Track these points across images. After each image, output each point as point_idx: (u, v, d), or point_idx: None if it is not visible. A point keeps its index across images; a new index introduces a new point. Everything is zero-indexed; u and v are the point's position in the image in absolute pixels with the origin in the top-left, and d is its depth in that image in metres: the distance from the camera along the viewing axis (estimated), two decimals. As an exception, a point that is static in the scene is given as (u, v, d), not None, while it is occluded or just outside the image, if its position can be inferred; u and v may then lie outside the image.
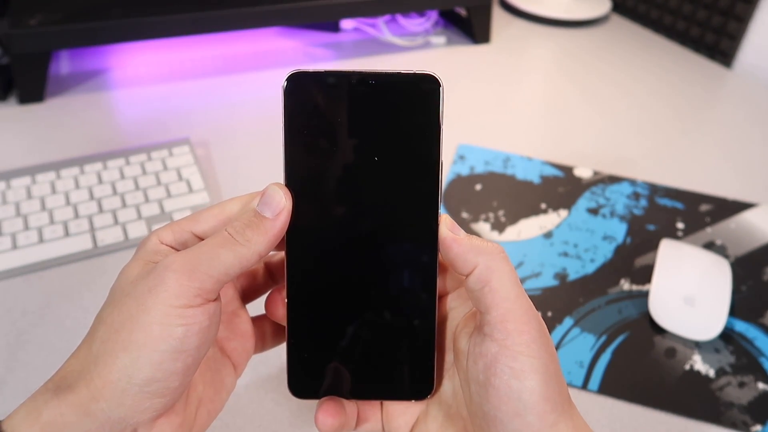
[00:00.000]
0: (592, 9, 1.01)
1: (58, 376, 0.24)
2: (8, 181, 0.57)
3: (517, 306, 0.25)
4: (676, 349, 0.47)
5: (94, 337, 0.24)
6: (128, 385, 0.23)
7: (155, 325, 0.23)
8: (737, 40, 0.89)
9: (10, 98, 0.72)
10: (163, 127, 0.69)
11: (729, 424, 0.42)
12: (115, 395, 0.23)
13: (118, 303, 0.24)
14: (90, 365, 0.23)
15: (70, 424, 0.23)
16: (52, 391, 0.23)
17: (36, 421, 0.23)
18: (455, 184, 0.62)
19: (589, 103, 0.79)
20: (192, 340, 0.24)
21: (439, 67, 0.85)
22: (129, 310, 0.24)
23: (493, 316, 0.25)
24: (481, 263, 0.26)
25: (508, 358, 0.25)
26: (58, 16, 0.69)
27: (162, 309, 0.23)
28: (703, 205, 0.62)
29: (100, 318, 0.25)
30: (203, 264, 0.24)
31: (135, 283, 0.25)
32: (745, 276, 0.54)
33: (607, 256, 0.55)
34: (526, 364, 0.25)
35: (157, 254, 0.27)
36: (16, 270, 0.49)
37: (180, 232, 0.28)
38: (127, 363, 0.23)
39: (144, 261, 0.26)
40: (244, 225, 0.26)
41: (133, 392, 0.23)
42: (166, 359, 0.23)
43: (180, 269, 0.24)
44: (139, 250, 0.27)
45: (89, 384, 0.23)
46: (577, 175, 0.65)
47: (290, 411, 0.41)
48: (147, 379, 0.23)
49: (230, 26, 0.75)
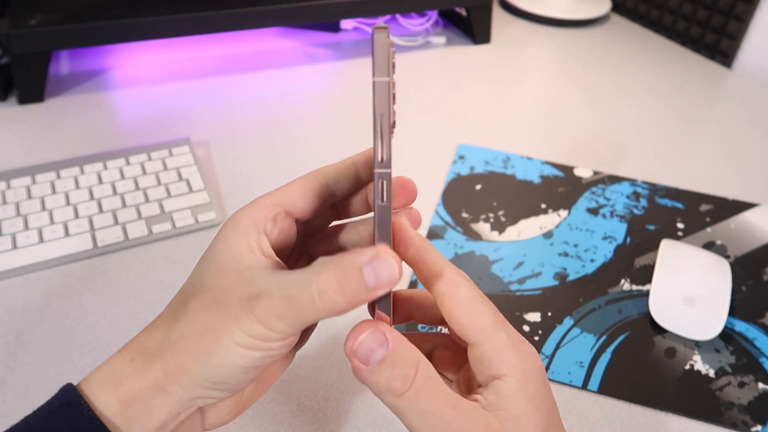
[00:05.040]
0: (592, 9, 1.01)
1: (134, 345, 0.26)
2: (8, 181, 0.57)
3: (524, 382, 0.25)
4: (676, 349, 0.47)
5: (176, 322, 0.25)
6: (202, 380, 0.24)
7: (237, 347, 0.24)
8: (737, 40, 0.89)
9: (10, 98, 0.72)
10: (163, 127, 0.69)
11: (729, 424, 0.42)
12: (188, 385, 0.25)
13: (206, 303, 0.25)
14: (168, 350, 0.25)
15: (145, 399, 0.24)
16: (128, 363, 0.25)
17: (115, 390, 0.24)
18: (455, 184, 0.62)
19: (589, 103, 0.79)
20: (268, 361, 0.25)
21: (439, 67, 0.85)
22: (215, 323, 0.24)
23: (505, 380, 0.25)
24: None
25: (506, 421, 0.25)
26: (58, 16, 0.69)
27: (246, 340, 0.24)
28: (703, 205, 0.62)
29: (184, 304, 0.26)
30: (288, 321, 0.24)
31: (226, 294, 0.25)
32: (745, 276, 0.53)
33: (607, 256, 0.55)
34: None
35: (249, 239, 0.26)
36: (16, 270, 0.49)
37: (269, 207, 0.28)
38: (204, 365, 0.24)
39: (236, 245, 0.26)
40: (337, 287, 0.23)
41: (205, 387, 0.25)
42: (241, 372, 0.25)
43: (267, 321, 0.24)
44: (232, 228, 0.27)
45: (166, 367, 0.25)
46: (577, 175, 0.65)
47: (290, 411, 0.41)
48: (220, 381, 0.25)
49: (230, 26, 0.75)
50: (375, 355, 0.25)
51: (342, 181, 0.30)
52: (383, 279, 0.23)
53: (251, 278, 0.25)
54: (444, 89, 0.80)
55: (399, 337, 0.25)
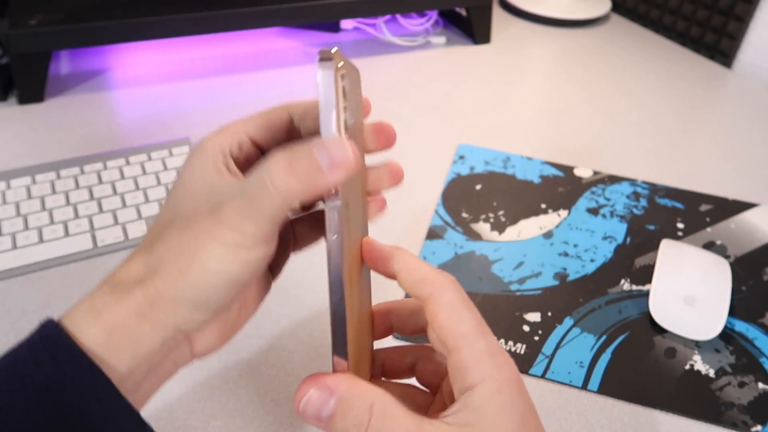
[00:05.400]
0: (592, 9, 1.01)
1: (113, 279, 0.25)
2: (8, 181, 0.57)
3: (497, 388, 0.25)
4: (676, 349, 0.47)
5: (152, 250, 0.25)
6: (184, 302, 0.24)
7: (212, 262, 0.24)
8: (737, 40, 0.89)
9: (10, 98, 0.72)
10: (163, 127, 0.69)
11: (729, 425, 0.42)
12: (170, 308, 0.24)
13: (179, 226, 0.25)
14: (147, 277, 0.25)
15: (128, 326, 0.24)
16: (109, 294, 0.25)
17: (97, 320, 0.24)
18: (455, 184, 0.62)
19: (589, 103, 0.79)
20: (246, 275, 0.25)
21: (439, 67, 0.85)
22: (188, 242, 0.24)
23: (471, 389, 0.25)
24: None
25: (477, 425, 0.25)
26: (58, 16, 0.69)
27: (219, 251, 0.24)
28: (703, 205, 0.62)
29: (160, 231, 0.26)
30: (254, 219, 0.24)
31: (191, 213, 0.25)
32: (745, 276, 0.54)
33: (607, 256, 0.55)
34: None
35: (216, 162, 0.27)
36: (16, 270, 0.49)
37: (235, 135, 0.28)
38: (183, 286, 0.24)
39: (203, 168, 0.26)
40: (288, 169, 0.24)
41: (187, 308, 0.24)
42: (221, 289, 0.24)
43: (234, 224, 0.24)
44: (198, 154, 0.27)
45: (146, 293, 0.24)
46: (577, 175, 0.65)
47: (290, 411, 0.41)
48: (201, 301, 0.24)
49: (230, 26, 0.75)
50: (323, 411, 0.25)
51: (308, 119, 0.29)
52: (336, 157, 0.24)
53: (216, 193, 0.25)
54: (444, 89, 0.80)
55: (348, 383, 0.25)
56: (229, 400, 0.41)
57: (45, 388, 0.22)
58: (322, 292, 0.50)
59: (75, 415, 0.22)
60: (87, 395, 0.23)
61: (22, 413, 0.22)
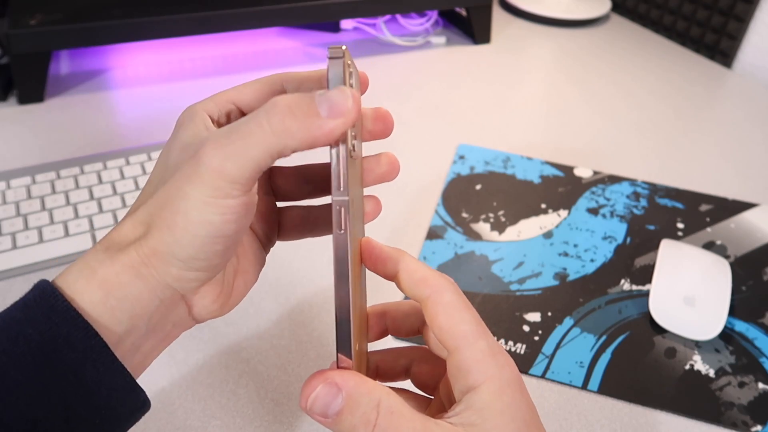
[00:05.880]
0: (592, 9, 1.01)
1: (107, 239, 0.25)
2: (8, 181, 0.57)
3: (496, 396, 0.25)
4: (676, 349, 0.47)
5: (142, 205, 0.25)
6: (173, 258, 0.24)
7: (193, 211, 0.23)
8: (737, 40, 0.89)
9: (10, 98, 0.72)
10: (163, 127, 0.69)
11: (729, 425, 0.42)
12: (162, 264, 0.24)
13: (165, 178, 0.25)
14: (139, 233, 0.24)
15: (124, 284, 0.24)
16: (102, 252, 0.24)
17: (92, 277, 0.24)
18: (455, 184, 0.62)
19: (589, 103, 0.79)
20: (229, 227, 0.24)
21: (439, 67, 0.85)
22: (170, 192, 0.24)
23: (471, 391, 0.25)
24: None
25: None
26: (58, 16, 0.69)
27: (199, 199, 0.23)
28: (703, 205, 0.62)
29: (151, 185, 0.26)
30: (237, 159, 0.23)
31: (178, 164, 0.25)
32: (745, 276, 0.54)
33: (607, 256, 0.55)
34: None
35: (205, 120, 0.27)
36: (16, 270, 0.49)
37: (223, 103, 0.28)
38: (170, 241, 0.24)
39: (192, 126, 0.26)
40: (287, 110, 0.23)
41: (177, 265, 0.24)
42: (206, 243, 0.24)
43: (215, 164, 0.23)
44: (188, 115, 0.27)
45: (139, 250, 0.24)
46: (577, 175, 0.65)
47: (290, 411, 0.41)
48: (189, 257, 0.24)
49: (230, 26, 0.75)
50: (331, 408, 0.24)
51: (304, 90, 0.29)
52: (337, 106, 0.23)
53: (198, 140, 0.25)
54: (444, 89, 0.80)
55: (356, 381, 0.25)
56: (229, 400, 0.41)
57: (39, 348, 0.22)
58: (322, 292, 0.50)
59: (69, 375, 0.22)
60: (80, 355, 0.23)
61: (15, 373, 0.22)
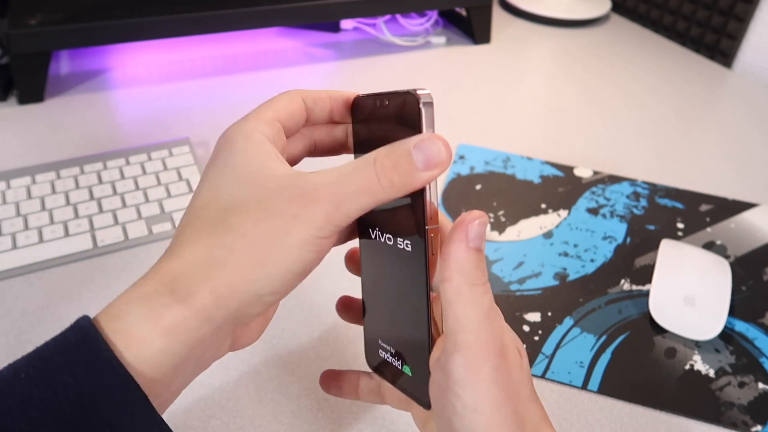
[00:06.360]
0: (592, 9, 1.01)
1: (167, 277, 0.24)
2: (8, 181, 0.57)
3: (473, 337, 0.24)
4: (676, 349, 0.47)
5: (219, 241, 0.24)
6: (253, 296, 0.24)
7: (295, 249, 0.24)
8: (737, 40, 0.89)
9: (10, 98, 0.72)
10: (163, 127, 0.69)
11: (729, 424, 0.42)
12: (236, 302, 0.24)
13: (252, 214, 0.24)
14: (213, 271, 0.23)
15: (192, 329, 0.23)
16: (168, 294, 0.23)
17: (157, 324, 0.23)
18: (455, 184, 0.62)
19: (589, 103, 0.79)
20: (315, 264, 0.25)
21: (439, 67, 0.85)
22: (269, 229, 0.24)
23: (448, 344, 0.25)
24: (453, 278, 0.25)
25: (452, 395, 0.24)
26: (58, 16, 0.69)
27: (304, 237, 0.24)
28: (703, 205, 0.62)
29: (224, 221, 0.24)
30: (347, 204, 0.24)
31: (273, 199, 0.24)
32: (745, 276, 0.54)
33: (607, 256, 0.55)
34: (470, 405, 0.24)
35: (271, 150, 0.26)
36: (16, 270, 0.49)
37: (273, 123, 0.28)
38: (260, 277, 0.24)
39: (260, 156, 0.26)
40: (392, 166, 0.24)
41: (254, 302, 0.24)
42: (295, 279, 0.25)
43: (328, 205, 0.24)
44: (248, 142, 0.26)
45: (214, 291, 0.23)
46: (577, 175, 0.65)
47: (290, 411, 0.41)
48: (272, 293, 0.24)
49: (230, 26, 0.75)
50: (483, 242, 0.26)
51: (317, 110, 0.30)
52: (432, 158, 0.24)
53: (296, 180, 0.25)
54: (444, 89, 0.80)
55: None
56: (229, 400, 0.41)
57: (78, 399, 0.21)
58: (322, 292, 0.50)
59: (106, 428, 0.22)
60: (120, 408, 0.22)
61: (52, 423, 0.21)
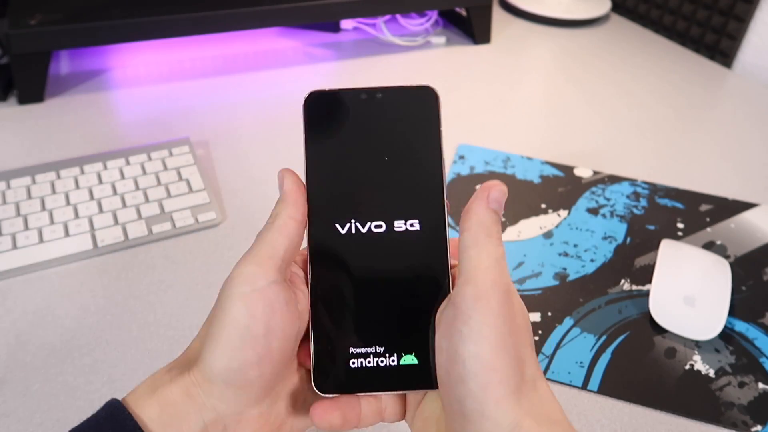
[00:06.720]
0: (592, 9, 1.01)
1: (178, 359, 0.28)
2: (8, 181, 0.57)
3: (483, 275, 0.26)
4: (676, 349, 0.47)
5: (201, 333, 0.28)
6: (212, 375, 0.26)
7: (224, 313, 0.26)
8: (737, 40, 0.89)
9: (10, 98, 0.72)
10: (163, 127, 0.69)
11: (729, 425, 0.42)
12: (204, 384, 0.26)
13: None
14: (196, 355, 0.27)
15: (176, 403, 0.26)
16: (167, 371, 0.27)
17: (152, 395, 0.26)
18: (455, 184, 0.62)
19: (589, 103, 0.79)
20: (258, 326, 0.25)
21: (439, 67, 0.85)
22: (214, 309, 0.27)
23: (459, 281, 0.26)
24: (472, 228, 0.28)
25: (460, 322, 0.25)
26: (58, 16, 0.69)
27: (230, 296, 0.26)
28: (703, 205, 0.62)
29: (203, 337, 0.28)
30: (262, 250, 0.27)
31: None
32: (745, 276, 0.53)
33: (607, 256, 0.55)
34: (475, 330, 0.24)
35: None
36: (16, 270, 0.49)
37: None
38: (207, 355, 0.26)
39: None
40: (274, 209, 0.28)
41: (217, 383, 0.26)
42: (237, 347, 0.25)
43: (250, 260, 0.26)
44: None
45: (192, 372, 0.26)
46: (577, 175, 0.65)
47: (290, 411, 0.41)
48: (224, 368, 0.25)
49: (230, 26, 0.75)
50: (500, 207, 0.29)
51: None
52: (281, 182, 0.29)
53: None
54: (444, 89, 0.80)
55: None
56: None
57: None
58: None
59: None
60: None
61: None
